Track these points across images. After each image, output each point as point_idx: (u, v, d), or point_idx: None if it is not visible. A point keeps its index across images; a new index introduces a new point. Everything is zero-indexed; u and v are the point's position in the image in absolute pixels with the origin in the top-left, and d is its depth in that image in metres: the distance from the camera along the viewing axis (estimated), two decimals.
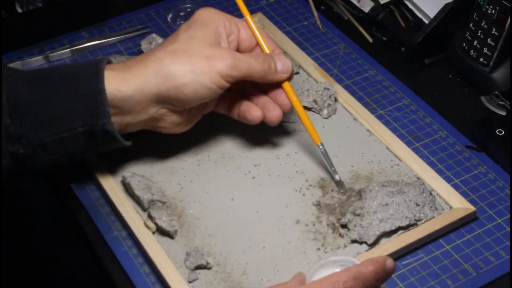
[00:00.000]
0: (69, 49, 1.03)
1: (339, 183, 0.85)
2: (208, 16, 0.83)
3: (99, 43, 1.04)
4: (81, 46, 1.04)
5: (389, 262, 0.62)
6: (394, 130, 0.92)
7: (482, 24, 0.94)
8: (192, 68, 0.77)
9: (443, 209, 0.83)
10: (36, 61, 1.02)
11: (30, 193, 0.97)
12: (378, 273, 0.61)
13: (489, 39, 0.94)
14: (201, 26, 0.81)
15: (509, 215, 0.83)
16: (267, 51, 0.86)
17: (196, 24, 0.82)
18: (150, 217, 0.81)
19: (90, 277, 0.86)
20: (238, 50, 0.85)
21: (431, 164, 0.88)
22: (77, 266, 0.88)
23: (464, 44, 0.98)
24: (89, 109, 0.76)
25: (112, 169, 0.87)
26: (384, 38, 1.07)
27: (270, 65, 0.82)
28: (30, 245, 0.99)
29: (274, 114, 0.84)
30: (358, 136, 0.91)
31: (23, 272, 1.01)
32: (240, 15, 1.08)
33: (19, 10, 1.21)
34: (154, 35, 0.99)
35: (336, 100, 0.95)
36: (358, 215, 0.80)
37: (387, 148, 0.90)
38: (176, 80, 0.77)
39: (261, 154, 0.89)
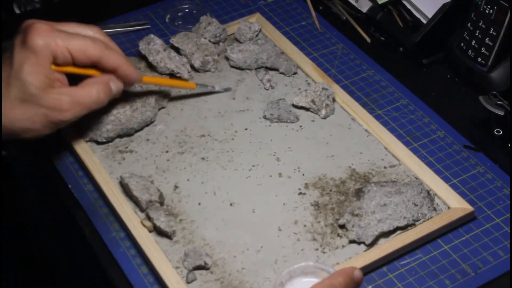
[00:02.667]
0: None
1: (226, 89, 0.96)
2: (41, 46, 0.79)
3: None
4: None
5: (357, 272, 0.65)
6: (392, 130, 0.92)
7: (480, 24, 0.94)
8: (32, 121, 0.79)
9: (441, 209, 0.83)
10: None
11: (28, 194, 0.97)
12: (348, 284, 0.64)
13: (487, 39, 0.94)
14: (34, 65, 0.79)
15: (508, 215, 0.83)
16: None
17: (28, 61, 0.79)
18: (148, 217, 0.81)
19: (88, 277, 0.86)
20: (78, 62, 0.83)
21: (429, 164, 0.88)
22: (75, 267, 0.88)
23: (462, 44, 0.98)
24: None
25: (110, 170, 0.87)
26: (382, 38, 1.07)
27: (105, 93, 0.83)
28: (28, 246, 0.99)
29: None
30: (356, 136, 0.91)
31: (22, 273, 1.01)
32: (239, 16, 1.09)
33: (17, 11, 1.21)
34: (152, 35, 0.99)
35: (334, 100, 0.95)
36: (356, 215, 0.80)
37: (385, 148, 0.90)
38: (16, 131, 0.80)
39: (259, 155, 0.89)
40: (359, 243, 0.80)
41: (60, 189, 0.87)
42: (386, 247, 0.78)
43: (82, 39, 0.82)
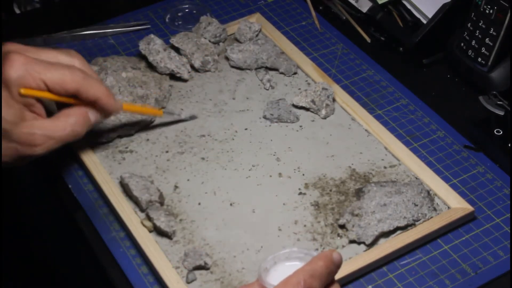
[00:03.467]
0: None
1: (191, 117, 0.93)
2: (14, 79, 0.74)
3: (99, 32, 1.06)
4: (81, 33, 1.06)
5: (336, 254, 0.64)
6: (392, 130, 0.92)
7: (480, 24, 0.94)
8: (3, 154, 0.75)
9: (441, 209, 0.83)
10: None
11: (28, 194, 0.97)
12: (329, 267, 0.63)
13: (487, 39, 0.94)
14: (6, 99, 0.74)
15: (508, 215, 0.83)
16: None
17: (1, 95, 0.74)
18: (148, 217, 0.81)
19: (88, 277, 0.86)
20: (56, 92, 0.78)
21: (429, 164, 0.88)
22: (75, 266, 0.88)
23: (462, 44, 0.98)
24: None
25: (110, 170, 0.87)
26: (382, 38, 1.07)
27: (82, 126, 0.78)
28: (28, 246, 1.00)
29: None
30: (356, 136, 0.91)
31: (22, 272, 1.01)
32: (239, 16, 1.09)
33: (17, 11, 1.21)
34: (152, 35, 0.99)
35: (334, 100, 0.95)
36: (357, 215, 0.80)
37: (386, 148, 0.90)
38: None
39: (259, 155, 0.89)
40: (359, 243, 0.80)
41: (60, 189, 0.87)
42: (386, 247, 0.78)
43: (59, 70, 0.77)
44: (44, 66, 0.76)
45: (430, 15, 1.02)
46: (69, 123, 0.77)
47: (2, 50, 0.76)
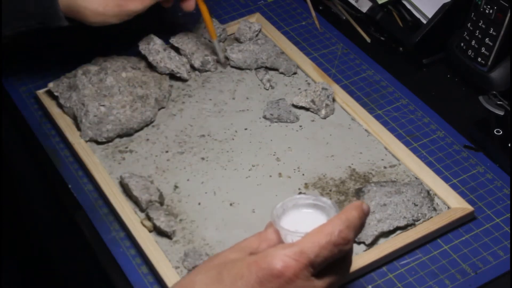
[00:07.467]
0: None
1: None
2: None
3: None
4: None
5: (365, 205, 0.63)
6: (392, 130, 0.92)
7: (480, 24, 0.94)
8: (105, 5, 0.86)
9: (441, 209, 0.83)
10: None
11: (28, 194, 0.97)
12: (362, 218, 0.62)
13: (487, 39, 0.94)
14: None
15: (508, 215, 0.83)
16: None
17: None
18: (148, 217, 0.81)
19: (88, 277, 0.86)
20: None
21: (429, 164, 0.88)
22: (75, 266, 0.88)
23: (462, 44, 0.98)
24: (43, 12, 0.85)
25: (110, 170, 0.87)
26: (382, 38, 1.07)
27: None
28: (28, 246, 1.00)
29: None
30: (356, 136, 0.91)
31: (22, 272, 1.01)
32: (239, 16, 1.08)
33: None
34: (152, 35, 0.99)
35: (334, 100, 0.95)
36: None
37: (385, 148, 0.90)
38: (87, 12, 0.86)
39: (259, 155, 0.89)
40: (359, 243, 0.80)
41: (60, 189, 0.87)
42: (386, 247, 0.78)
43: None
44: None
45: (430, 15, 1.02)
46: None
47: None
